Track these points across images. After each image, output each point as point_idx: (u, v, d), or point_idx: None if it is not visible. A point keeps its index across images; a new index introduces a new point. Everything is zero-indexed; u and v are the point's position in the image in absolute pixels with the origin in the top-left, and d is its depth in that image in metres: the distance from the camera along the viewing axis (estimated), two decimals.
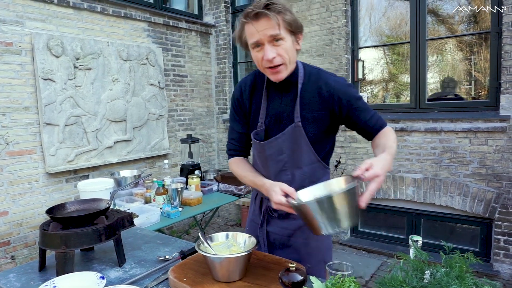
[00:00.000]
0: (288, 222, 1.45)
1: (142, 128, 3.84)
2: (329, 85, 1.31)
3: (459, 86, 3.52)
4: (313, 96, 1.31)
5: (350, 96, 1.32)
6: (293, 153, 1.34)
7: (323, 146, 1.37)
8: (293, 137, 1.33)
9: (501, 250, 3.11)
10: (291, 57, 1.24)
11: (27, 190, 3.02)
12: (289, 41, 1.22)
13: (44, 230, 1.31)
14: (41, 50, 2.98)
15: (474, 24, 3.38)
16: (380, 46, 3.88)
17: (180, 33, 4.36)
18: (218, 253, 1.19)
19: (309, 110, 1.31)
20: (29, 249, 3.06)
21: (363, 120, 1.33)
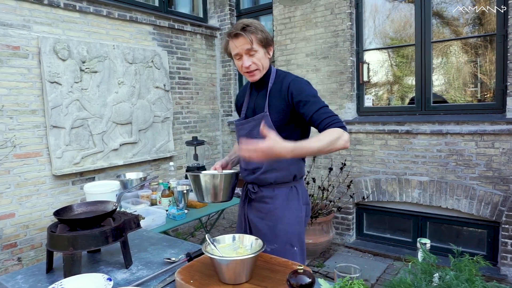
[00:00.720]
0: (261, 205, 1.71)
1: (148, 131, 3.86)
2: (287, 82, 1.61)
3: (464, 89, 3.50)
4: (277, 92, 1.62)
5: (300, 90, 1.56)
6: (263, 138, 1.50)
7: (289, 135, 1.55)
8: (260, 124, 1.55)
9: (509, 254, 3.08)
10: (263, 64, 1.62)
11: (34, 192, 3.04)
12: (261, 52, 1.59)
13: (52, 232, 1.32)
14: (48, 54, 3.00)
15: (479, 26, 3.37)
16: (385, 48, 3.88)
17: (185, 36, 4.38)
18: (225, 255, 1.19)
19: (274, 102, 1.62)
20: (36, 251, 3.08)
21: (310, 113, 1.51)
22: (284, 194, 1.67)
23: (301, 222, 1.71)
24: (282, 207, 1.66)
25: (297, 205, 1.69)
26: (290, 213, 1.67)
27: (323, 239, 3.55)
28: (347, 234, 3.93)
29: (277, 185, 1.67)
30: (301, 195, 1.71)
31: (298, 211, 1.69)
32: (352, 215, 3.92)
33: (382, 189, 3.65)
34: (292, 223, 1.67)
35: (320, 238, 3.53)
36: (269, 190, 1.68)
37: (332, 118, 1.47)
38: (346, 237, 3.94)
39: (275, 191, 1.67)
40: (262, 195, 1.69)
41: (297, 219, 1.68)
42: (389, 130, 3.53)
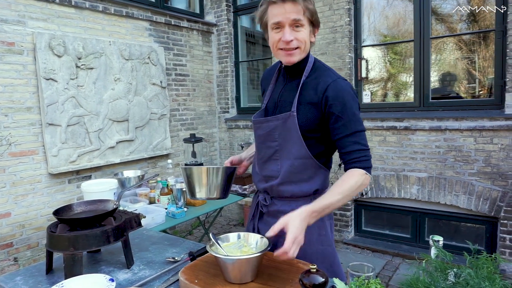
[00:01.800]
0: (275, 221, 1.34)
1: (144, 128, 3.82)
2: (326, 82, 1.30)
3: (463, 85, 3.50)
4: (312, 89, 1.32)
5: (339, 100, 1.26)
6: (285, 142, 1.35)
7: (316, 143, 1.34)
8: (286, 125, 1.33)
9: (507, 249, 3.09)
10: (306, 44, 1.30)
11: (30, 191, 3.00)
12: (307, 29, 1.28)
13: (52, 232, 1.29)
14: (43, 50, 2.95)
15: (473, 23, 3.36)
16: (382, 44, 3.87)
17: (182, 32, 4.33)
18: (229, 254, 1.17)
19: (305, 102, 1.32)
20: (32, 251, 3.04)
21: (340, 134, 1.26)
22: None
23: (326, 241, 1.41)
24: None
25: (319, 221, 1.33)
26: (311, 231, 1.32)
27: None
28: (346, 230, 3.93)
29: (295, 199, 1.39)
30: None
31: (320, 229, 1.40)
32: (350, 211, 3.91)
33: (380, 186, 3.65)
34: (313, 242, 1.38)
35: None
36: (284, 204, 1.41)
37: (361, 154, 1.26)
38: (345, 233, 3.94)
39: (292, 205, 1.37)
40: (277, 209, 1.42)
41: (319, 237, 1.40)
42: (388, 127, 3.52)
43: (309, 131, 1.32)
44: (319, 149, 1.35)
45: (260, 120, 1.42)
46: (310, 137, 1.32)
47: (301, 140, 1.32)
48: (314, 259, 1.33)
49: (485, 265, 0.71)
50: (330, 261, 1.41)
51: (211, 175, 1.39)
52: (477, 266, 0.71)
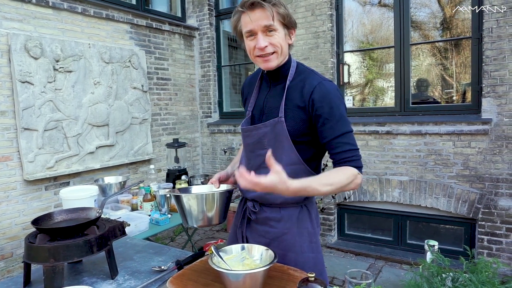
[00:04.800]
0: (265, 229, 1.40)
1: (125, 133, 3.73)
2: (311, 85, 1.27)
3: (440, 90, 3.60)
4: (297, 92, 1.30)
5: (325, 101, 1.24)
6: (275, 150, 1.30)
7: (307, 148, 1.32)
8: (274, 131, 1.31)
9: (485, 250, 3.18)
10: (283, 48, 1.28)
11: (3, 199, 2.86)
12: (281, 33, 1.27)
13: (30, 243, 1.22)
14: (19, 52, 2.84)
15: (447, 31, 3.47)
16: (364, 50, 3.93)
17: (163, 35, 4.28)
18: (231, 267, 1.11)
19: (291, 106, 1.29)
20: (6, 262, 2.90)
21: (329, 136, 1.25)
22: (294, 216, 1.36)
23: (316, 248, 1.40)
24: (292, 232, 1.35)
25: (310, 229, 1.37)
26: (302, 239, 1.35)
27: None
28: (329, 234, 3.95)
29: (284, 206, 1.36)
30: (314, 216, 1.41)
31: (312, 236, 1.38)
32: (333, 215, 3.94)
33: (363, 189, 3.69)
34: (305, 251, 1.36)
35: None
36: (274, 211, 1.37)
37: (351, 154, 1.24)
38: (328, 237, 3.95)
39: (282, 212, 1.36)
40: (266, 217, 1.39)
41: (310, 245, 1.38)
42: (370, 131, 3.57)
43: (299, 135, 1.30)
44: (310, 153, 1.33)
45: (249, 128, 1.39)
46: (300, 141, 1.30)
47: (292, 145, 1.29)
48: (306, 268, 1.29)
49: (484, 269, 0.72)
50: (319, 269, 1.39)
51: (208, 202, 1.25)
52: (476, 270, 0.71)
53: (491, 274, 0.71)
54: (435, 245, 0.98)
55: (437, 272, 0.74)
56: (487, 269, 0.73)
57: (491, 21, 2.99)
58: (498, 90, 3.01)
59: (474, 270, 0.72)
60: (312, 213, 1.40)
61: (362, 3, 3.83)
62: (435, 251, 0.92)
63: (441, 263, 0.81)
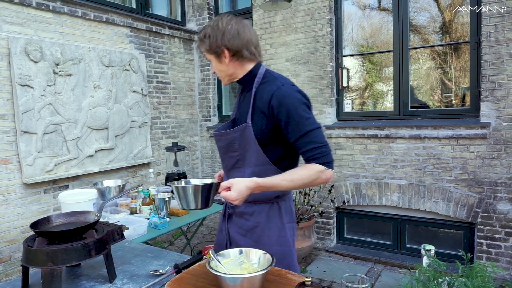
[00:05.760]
0: (241, 221, 1.56)
1: (125, 136, 3.74)
2: (270, 92, 1.38)
3: (439, 94, 3.61)
4: (261, 99, 1.40)
5: (283, 105, 1.34)
6: (245, 152, 1.45)
7: (274, 149, 1.42)
8: (243, 136, 1.43)
9: (484, 254, 3.18)
10: (222, 70, 1.47)
11: (2, 202, 2.86)
12: (213, 60, 1.47)
13: (29, 247, 1.22)
14: (19, 55, 2.85)
15: (446, 35, 3.49)
16: (363, 54, 3.95)
17: (163, 39, 4.29)
18: (229, 271, 1.11)
19: (257, 112, 1.41)
20: (4, 265, 2.89)
21: (294, 136, 1.35)
22: (264, 211, 1.51)
23: (284, 242, 1.53)
24: (262, 226, 1.51)
25: (279, 223, 1.52)
26: (271, 232, 1.51)
27: (305, 244, 3.54)
28: (328, 238, 3.95)
29: (257, 202, 1.51)
30: (284, 212, 1.54)
31: (280, 231, 1.52)
32: (332, 219, 3.93)
33: (362, 193, 3.69)
34: (273, 243, 1.50)
35: (302, 243, 3.51)
36: (248, 206, 1.52)
37: (316, 151, 1.32)
38: (327, 241, 3.95)
39: (254, 207, 1.52)
40: (241, 211, 1.55)
41: (278, 239, 1.51)
42: (369, 135, 3.58)
43: (265, 139, 1.41)
44: (278, 153, 1.44)
45: (219, 133, 1.54)
46: (266, 144, 1.42)
47: (259, 148, 1.41)
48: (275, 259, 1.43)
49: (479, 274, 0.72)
50: (287, 262, 1.52)
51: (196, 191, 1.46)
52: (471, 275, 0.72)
53: (487, 278, 0.71)
54: (431, 250, 0.99)
55: (433, 277, 0.74)
56: (483, 273, 0.74)
57: (489, 25, 3.01)
58: (497, 94, 3.02)
59: (469, 274, 0.72)
60: (282, 209, 1.53)
61: (361, 7, 3.85)
62: (432, 256, 0.92)
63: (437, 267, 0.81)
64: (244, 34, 1.41)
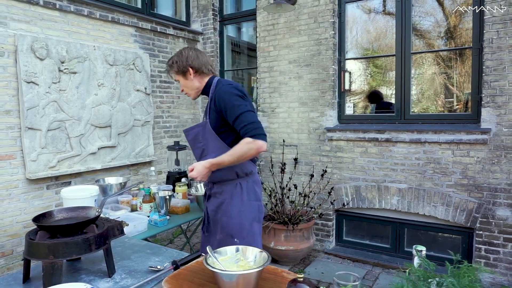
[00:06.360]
0: (214, 200, 1.97)
1: (127, 134, 3.77)
2: (214, 92, 1.86)
3: (441, 99, 3.62)
4: (212, 99, 1.87)
5: (221, 99, 1.81)
6: (208, 142, 1.90)
7: (228, 134, 1.85)
8: (205, 129, 1.89)
9: (482, 259, 3.18)
10: (189, 86, 1.95)
11: (6, 196, 2.90)
12: (181, 79, 1.95)
13: (31, 239, 1.25)
14: (25, 52, 2.89)
15: (450, 40, 3.50)
16: (366, 58, 3.97)
17: (168, 39, 4.33)
18: (226, 268, 1.13)
19: (212, 110, 1.87)
20: (6, 259, 2.93)
21: (231, 120, 1.79)
22: (229, 191, 1.91)
23: (243, 216, 1.90)
24: (226, 202, 1.92)
25: (239, 200, 1.91)
26: (233, 207, 1.90)
27: (304, 246, 3.56)
28: (327, 240, 3.96)
29: (224, 182, 1.92)
30: (245, 192, 1.91)
31: (240, 206, 1.90)
32: (332, 221, 3.95)
33: (362, 196, 3.71)
34: (234, 216, 1.89)
35: (301, 245, 3.53)
36: (218, 187, 1.95)
37: (245, 128, 1.73)
38: (326, 243, 3.97)
39: (222, 188, 1.93)
40: (215, 191, 1.97)
41: (239, 213, 1.89)
42: (369, 138, 3.60)
43: (219, 127, 1.86)
44: (231, 138, 1.85)
45: (187, 129, 2.02)
46: (221, 131, 1.86)
47: (216, 137, 1.86)
48: (234, 230, 1.89)
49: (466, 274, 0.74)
50: (245, 233, 1.90)
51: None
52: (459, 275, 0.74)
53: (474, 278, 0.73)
54: (422, 250, 1.01)
55: (423, 277, 0.76)
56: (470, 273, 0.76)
57: (492, 31, 3.02)
58: (498, 100, 3.04)
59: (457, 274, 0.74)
60: (244, 189, 1.92)
61: (365, 11, 3.87)
62: (422, 256, 0.95)
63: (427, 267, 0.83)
64: (201, 57, 1.93)
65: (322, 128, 3.87)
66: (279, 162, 4.01)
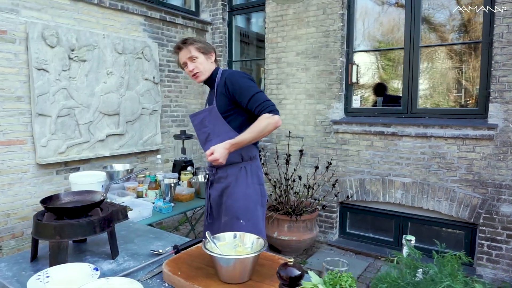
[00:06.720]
0: (218, 184, 2.02)
1: (135, 123, 3.83)
2: (224, 78, 1.92)
3: (448, 94, 3.59)
4: (221, 87, 1.92)
5: (234, 83, 1.88)
6: (214, 126, 1.95)
7: (235, 118, 1.91)
8: (211, 114, 1.95)
9: (484, 255, 3.19)
10: (205, 67, 1.97)
11: (17, 180, 2.99)
12: (201, 57, 1.96)
13: (38, 220, 1.31)
14: (36, 40, 2.94)
15: (465, 34, 3.45)
16: (374, 50, 3.94)
17: (176, 28, 4.35)
18: (224, 253, 1.17)
19: (219, 96, 1.92)
20: (16, 240, 3.03)
21: (245, 101, 1.85)
22: (234, 174, 1.96)
23: (248, 198, 1.96)
24: (232, 185, 1.96)
25: (244, 183, 1.96)
26: (238, 190, 1.95)
27: (307, 237, 3.60)
28: (330, 232, 4.00)
29: (228, 166, 1.95)
30: (249, 175, 1.97)
31: (245, 188, 1.95)
32: (336, 213, 3.98)
33: (366, 189, 3.72)
34: (239, 198, 1.94)
35: (304, 235, 3.57)
36: (222, 171, 1.99)
37: (262, 105, 1.80)
38: (329, 235, 4.00)
39: (227, 171, 1.97)
40: (219, 176, 2.01)
41: (244, 196, 1.95)
42: (375, 131, 3.59)
43: (226, 111, 1.91)
44: (238, 122, 1.92)
45: (194, 114, 2.08)
46: (228, 115, 1.92)
47: (223, 121, 1.91)
48: (240, 212, 1.93)
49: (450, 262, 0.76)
50: (249, 215, 1.95)
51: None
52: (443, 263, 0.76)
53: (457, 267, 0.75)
54: (411, 240, 1.03)
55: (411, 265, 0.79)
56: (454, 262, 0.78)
57: (502, 26, 2.98)
58: (506, 96, 3.00)
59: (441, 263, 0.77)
60: (248, 172, 1.97)
61: (376, 2, 3.83)
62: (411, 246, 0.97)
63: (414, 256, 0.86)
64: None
65: (328, 120, 3.88)
66: (285, 153, 4.04)
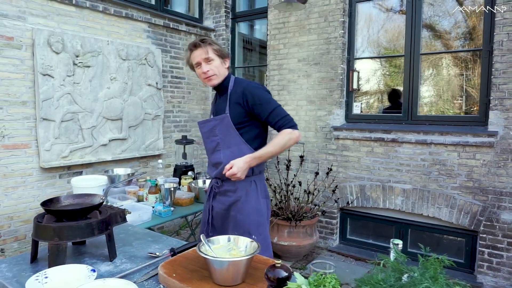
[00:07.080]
0: (224, 198, 1.93)
1: (138, 128, 3.88)
2: (241, 88, 1.84)
3: (450, 101, 3.60)
4: (235, 96, 1.84)
5: (253, 94, 1.81)
6: (225, 136, 1.86)
7: (249, 130, 1.84)
8: (223, 123, 1.85)
9: (485, 263, 3.17)
10: (220, 71, 1.87)
11: (20, 184, 3.03)
12: (217, 61, 1.86)
13: (38, 222, 1.34)
14: (42, 46, 3.01)
15: (470, 41, 3.47)
16: (374, 57, 3.97)
17: (180, 35, 4.41)
18: (218, 256, 1.19)
19: (234, 105, 1.83)
20: (19, 243, 3.07)
21: (264, 114, 1.80)
22: (244, 188, 1.88)
23: (259, 213, 1.90)
24: (242, 200, 1.88)
25: (256, 198, 1.89)
26: (249, 205, 1.88)
27: (307, 242, 3.60)
28: (331, 238, 4.00)
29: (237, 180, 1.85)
30: (259, 189, 1.91)
31: (256, 203, 1.89)
32: (336, 219, 3.98)
33: (366, 195, 3.72)
34: (250, 213, 1.88)
35: (304, 241, 3.58)
36: (230, 184, 1.89)
37: (283, 120, 1.78)
38: (330, 241, 4.00)
39: (236, 185, 1.87)
40: (225, 189, 1.92)
41: (255, 210, 1.89)
42: (376, 138, 3.61)
43: (240, 122, 1.83)
44: (253, 134, 1.86)
45: (203, 121, 1.98)
46: (242, 126, 1.84)
47: (236, 131, 1.83)
48: (252, 227, 1.87)
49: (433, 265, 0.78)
50: (261, 230, 1.90)
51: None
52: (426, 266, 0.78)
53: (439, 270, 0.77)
54: (399, 244, 1.06)
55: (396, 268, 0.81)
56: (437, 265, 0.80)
57: (502, 34, 3.00)
58: (506, 103, 3.01)
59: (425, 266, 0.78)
60: (258, 186, 1.91)
61: (378, 10, 3.86)
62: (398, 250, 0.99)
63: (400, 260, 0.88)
64: None
65: (329, 126, 3.90)
66: (285, 159, 4.06)
